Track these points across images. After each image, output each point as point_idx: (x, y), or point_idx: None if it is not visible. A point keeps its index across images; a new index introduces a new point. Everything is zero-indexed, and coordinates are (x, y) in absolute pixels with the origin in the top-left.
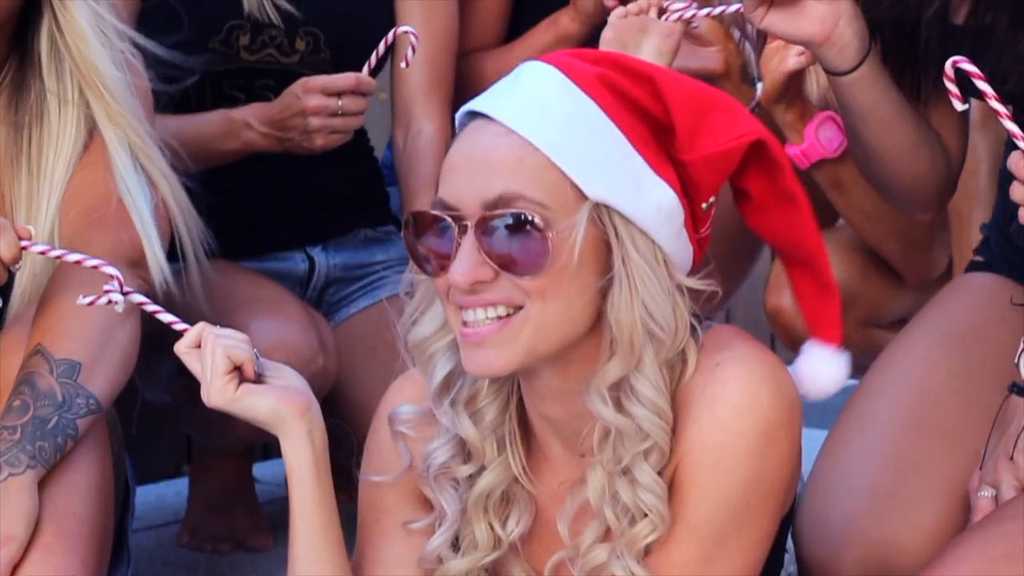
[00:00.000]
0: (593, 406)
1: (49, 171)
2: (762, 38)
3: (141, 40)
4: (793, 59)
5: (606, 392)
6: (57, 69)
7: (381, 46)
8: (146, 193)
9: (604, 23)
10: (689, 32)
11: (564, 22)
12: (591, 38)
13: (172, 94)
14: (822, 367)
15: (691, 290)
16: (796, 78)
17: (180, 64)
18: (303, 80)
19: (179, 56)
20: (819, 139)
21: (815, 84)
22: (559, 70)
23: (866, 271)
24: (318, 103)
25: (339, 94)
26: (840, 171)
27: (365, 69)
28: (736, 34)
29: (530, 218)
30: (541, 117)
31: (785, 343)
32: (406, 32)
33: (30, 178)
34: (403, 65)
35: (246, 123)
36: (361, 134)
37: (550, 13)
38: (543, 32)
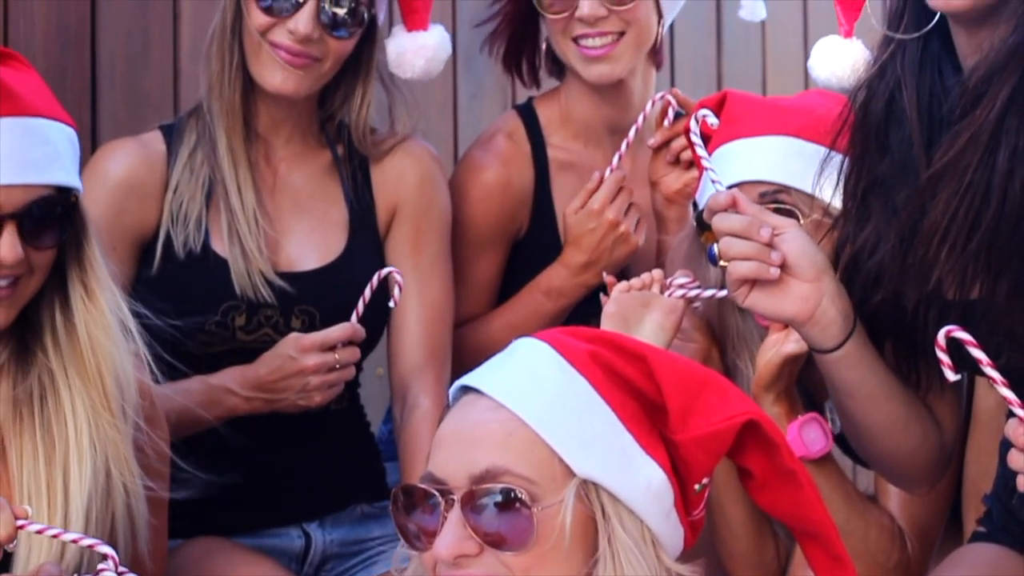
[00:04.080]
0: None
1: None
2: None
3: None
4: (792, 344)
5: None
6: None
7: (367, 291)
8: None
9: (599, 288)
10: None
11: (567, 284)
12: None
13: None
14: None
15: None
16: (791, 365)
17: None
18: (294, 339)
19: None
20: (803, 438)
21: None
22: (552, 347)
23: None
24: (318, 361)
25: (333, 347)
26: (818, 474)
27: (354, 317)
28: None
29: (516, 493)
30: (531, 393)
31: None
32: (390, 272)
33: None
34: (391, 304)
35: (227, 389)
36: (358, 410)
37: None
38: (543, 298)
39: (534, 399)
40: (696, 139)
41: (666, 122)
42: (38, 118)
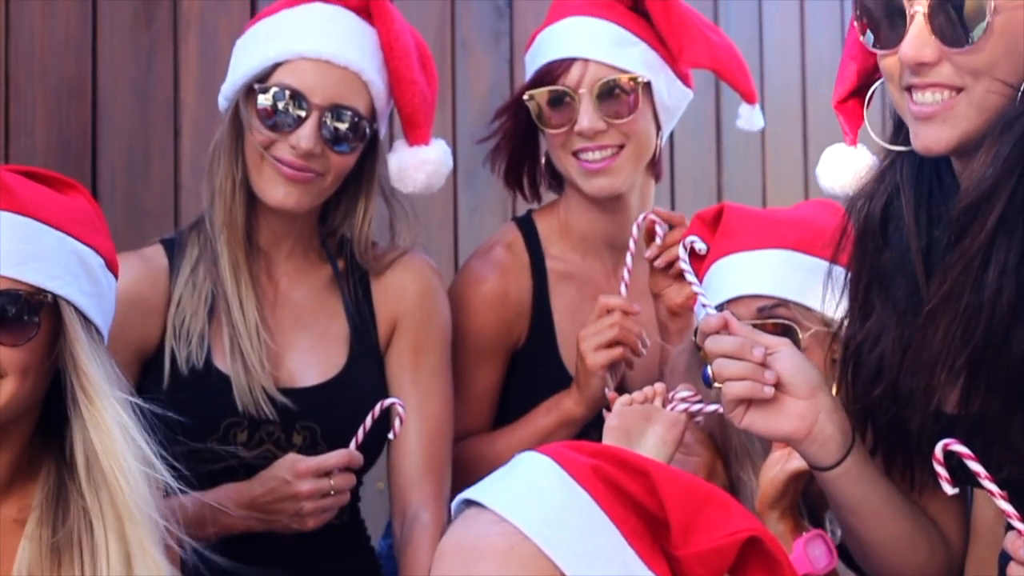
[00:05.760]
0: None
1: None
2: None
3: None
4: (797, 461)
5: None
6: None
7: (368, 420)
8: None
9: (605, 406)
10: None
11: (568, 405)
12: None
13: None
14: None
15: None
16: (796, 482)
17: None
18: (291, 462)
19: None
20: (808, 555)
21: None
22: (555, 461)
23: None
24: (312, 487)
25: (328, 473)
26: None
27: (352, 444)
28: None
29: None
30: (533, 506)
31: None
32: (393, 404)
33: None
34: (390, 436)
35: (221, 508)
36: (358, 525)
37: (538, 393)
38: (544, 415)
39: (536, 513)
40: (686, 266)
41: (658, 239)
42: (32, 220)
